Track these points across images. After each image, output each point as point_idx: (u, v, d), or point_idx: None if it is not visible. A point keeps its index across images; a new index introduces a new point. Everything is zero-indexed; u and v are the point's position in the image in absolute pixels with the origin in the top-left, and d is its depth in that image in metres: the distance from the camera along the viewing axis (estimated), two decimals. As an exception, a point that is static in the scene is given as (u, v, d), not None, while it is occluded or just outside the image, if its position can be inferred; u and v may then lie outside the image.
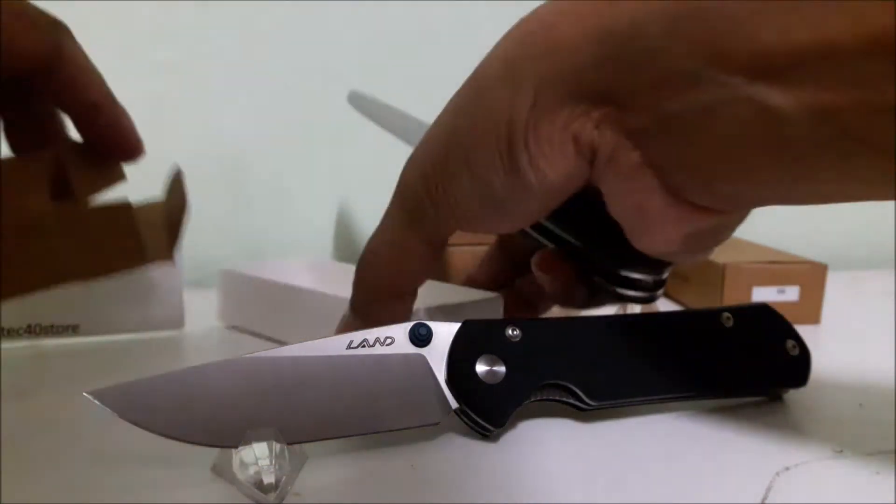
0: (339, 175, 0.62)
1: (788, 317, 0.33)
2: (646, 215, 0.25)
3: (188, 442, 0.24)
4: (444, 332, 0.28)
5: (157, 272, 0.41)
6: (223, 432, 0.24)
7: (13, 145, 0.33)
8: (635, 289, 0.31)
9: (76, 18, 0.32)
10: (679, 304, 0.51)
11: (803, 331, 0.33)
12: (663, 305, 0.51)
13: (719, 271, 0.45)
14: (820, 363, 0.35)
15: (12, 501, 0.23)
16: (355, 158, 0.62)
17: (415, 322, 0.28)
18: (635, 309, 0.45)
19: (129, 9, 0.57)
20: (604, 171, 0.24)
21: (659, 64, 0.21)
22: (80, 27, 0.31)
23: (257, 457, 0.23)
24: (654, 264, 0.30)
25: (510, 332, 0.29)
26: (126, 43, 0.57)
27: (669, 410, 0.31)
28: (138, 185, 0.58)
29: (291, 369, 0.25)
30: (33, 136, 0.33)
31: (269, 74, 0.60)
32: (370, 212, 0.64)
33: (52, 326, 0.40)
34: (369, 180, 0.63)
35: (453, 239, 0.30)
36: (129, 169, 0.35)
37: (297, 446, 0.24)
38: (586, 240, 0.31)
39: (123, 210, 0.30)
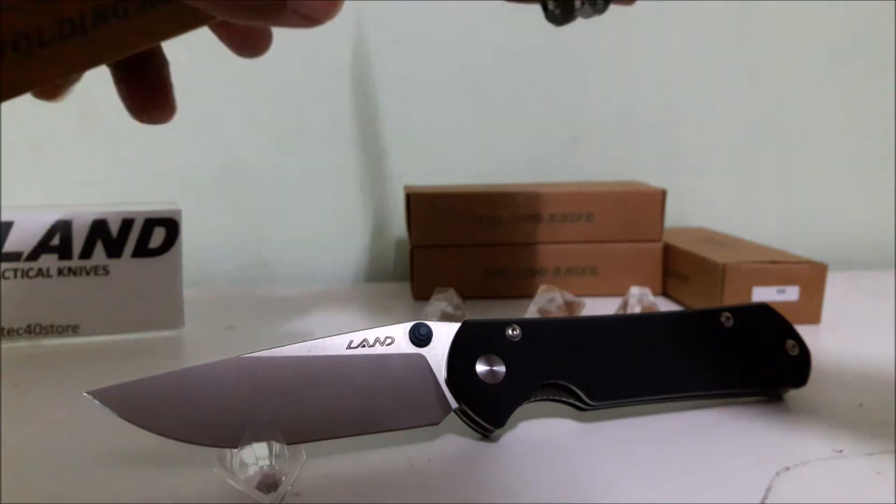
0: (338, 176, 0.62)
1: (788, 317, 0.33)
2: None
3: (188, 442, 0.24)
4: (444, 332, 0.28)
5: (157, 272, 0.41)
6: (223, 432, 0.24)
7: None
8: None
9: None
10: (679, 304, 0.51)
11: (803, 331, 0.33)
12: (663, 305, 0.51)
13: (719, 271, 0.45)
14: (820, 363, 0.35)
15: (12, 501, 0.23)
16: (355, 159, 0.62)
17: (415, 322, 0.28)
18: (636, 309, 0.45)
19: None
20: None
21: None
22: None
23: (257, 457, 0.23)
24: None
25: (510, 332, 0.29)
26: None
27: (669, 410, 0.31)
28: (141, 188, 0.58)
29: (291, 369, 0.25)
30: None
31: (271, 77, 0.60)
32: (369, 211, 0.64)
33: (52, 326, 0.40)
34: (368, 181, 0.63)
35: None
36: (130, 171, 0.35)
37: (296, 446, 0.24)
38: None
39: None
